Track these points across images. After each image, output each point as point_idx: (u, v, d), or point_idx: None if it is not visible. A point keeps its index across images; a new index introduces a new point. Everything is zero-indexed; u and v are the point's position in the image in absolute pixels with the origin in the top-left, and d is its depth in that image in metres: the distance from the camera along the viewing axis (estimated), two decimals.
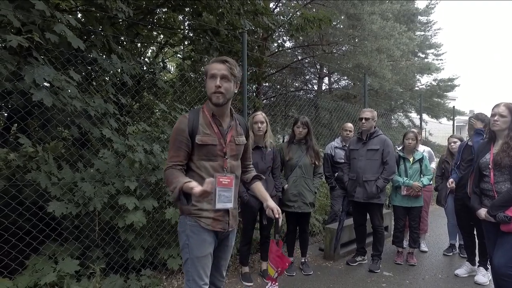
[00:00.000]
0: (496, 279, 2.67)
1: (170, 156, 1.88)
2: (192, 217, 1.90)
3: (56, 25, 2.78)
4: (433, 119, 13.87)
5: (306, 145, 3.88)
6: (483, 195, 2.87)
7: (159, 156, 3.46)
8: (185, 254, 1.91)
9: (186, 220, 1.91)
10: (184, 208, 1.90)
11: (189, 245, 1.89)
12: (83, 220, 3.05)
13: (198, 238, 1.89)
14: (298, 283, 3.68)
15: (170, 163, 1.86)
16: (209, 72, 1.87)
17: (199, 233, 1.89)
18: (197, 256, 1.88)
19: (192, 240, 1.88)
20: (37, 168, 2.85)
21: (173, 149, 1.88)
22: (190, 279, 1.89)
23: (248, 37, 5.95)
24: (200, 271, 1.89)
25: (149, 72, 4.53)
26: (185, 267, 1.92)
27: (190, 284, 1.89)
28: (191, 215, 1.90)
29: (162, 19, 6.11)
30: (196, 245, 1.88)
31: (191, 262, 1.89)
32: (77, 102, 3.00)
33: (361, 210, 4.17)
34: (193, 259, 1.88)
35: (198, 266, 1.88)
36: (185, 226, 1.91)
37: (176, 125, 1.90)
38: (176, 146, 1.87)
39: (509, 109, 2.74)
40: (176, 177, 1.77)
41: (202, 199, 1.81)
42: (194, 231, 1.89)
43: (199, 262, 1.89)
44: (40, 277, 2.71)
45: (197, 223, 1.89)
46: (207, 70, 1.89)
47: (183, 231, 1.93)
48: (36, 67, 2.72)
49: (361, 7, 9.30)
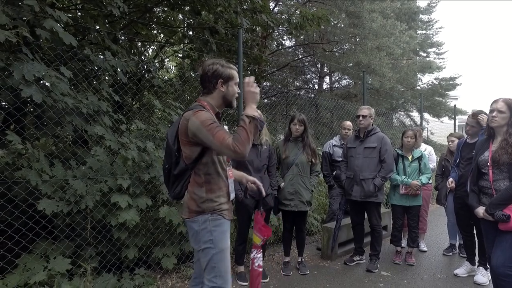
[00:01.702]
0: (495, 279, 2.61)
1: (221, 133, 1.82)
2: (214, 213, 1.98)
3: (46, 21, 2.74)
4: (434, 118, 13.79)
5: (302, 142, 3.83)
6: (481, 193, 2.81)
7: (153, 154, 3.42)
8: (210, 250, 1.95)
9: (207, 217, 1.96)
10: (206, 206, 1.95)
11: (214, 239, 1.95)
12: (75, 218, 3.02)
13: (221, 230, 1.99)
14: (294, 282, 3.62)
15: (228, 136, 1.82)
16: (235, 79, 2.06)
17: (221, 225, 1.99)
18: (222, 248, 1.97)
19: (216, 234, 1.96)
20: (27, 165, 2.82)
21: (218, 128, 1.85)
22: (217, 275, 1.94)
23: (247, 35, 5.93)
24: (226, 264, 1.99)
25: (148, 71, 4.51)
26: (210, 264, 1.95)
27: (217, 280, 1.94)
28: (214, 211, 1.97)
29: (161, 17, 6.08)
30: (220, 237, 1.98)
31: (217, 257, 1.95)
32: (68, 99, 2.96)
33: (358, 209, 4.11)
34: (219, 252, 1.96)
35: (224, 258, 1.98)
36: (206, 222, 1.96)
37: (204, 115, 1.88)
38: (218, 125, 1.87)
39: (508, 105, 2.67)
40: (240, 127, 1.83)
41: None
42: (216, 224, 1.97)
43: (224, 254, 1.98)
44: (31, 276, 2.67)
45: (220, 216, 1.99)
46: (233, 76, 2.04)
47: (203, 228, 1.96)
48: (25, 63, 2.68)
49: (361, 5, 9.25)
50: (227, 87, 2.03)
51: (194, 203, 1.97)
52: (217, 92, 2.03)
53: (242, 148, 1.78)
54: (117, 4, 3.63)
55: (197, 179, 1.98)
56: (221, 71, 2.00)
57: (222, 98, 2.05)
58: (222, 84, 2.02)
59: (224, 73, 2.01)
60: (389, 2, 10.63)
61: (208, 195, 1.97)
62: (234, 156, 1.81)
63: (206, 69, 2.01)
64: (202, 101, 2.04)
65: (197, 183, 1.98)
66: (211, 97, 2.04)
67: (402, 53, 10.40)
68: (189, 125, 1.89)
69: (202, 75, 2.03)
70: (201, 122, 1.86)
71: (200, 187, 1.97)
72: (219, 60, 2.05)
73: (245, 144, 1.79)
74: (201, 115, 1.88)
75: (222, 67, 2.01)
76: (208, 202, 1.96)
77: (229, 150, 1.79)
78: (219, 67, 2.00)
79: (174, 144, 1.98)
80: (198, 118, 1.87)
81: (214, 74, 2.00)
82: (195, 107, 1.98)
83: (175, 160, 1.98)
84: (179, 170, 1.97)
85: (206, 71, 2.01)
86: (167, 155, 2.04)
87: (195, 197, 1.97)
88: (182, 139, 1.95)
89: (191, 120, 1.89)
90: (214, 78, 2.00)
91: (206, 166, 1.98)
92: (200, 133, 1.86)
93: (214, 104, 2.04)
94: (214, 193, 1.99)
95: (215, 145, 1.83)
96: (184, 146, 1.96)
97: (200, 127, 1.85)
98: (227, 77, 2.02)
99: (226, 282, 1.97)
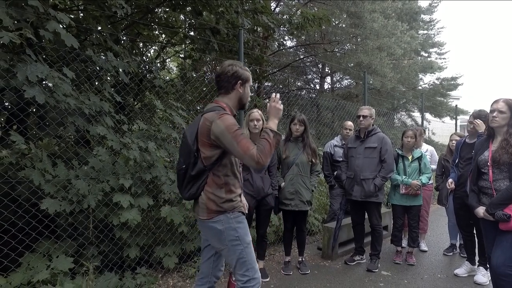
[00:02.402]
0: (495, 279, 2.61)
1: (246, 142, 1.86)
2: (235, 211, 2.02)
3: (49, 23, 2.77)
4: (436, 118, 13.78)
5: (303, 142, 3.85)
6: (481, 193, 2.81)
7: (154, 154, 3.44)
8: (238, 247, 2.00)
9: (229, 216, 2.00)
10: (227, 206, 1.99)
11: (239, 236, 2.00)
12: (77, 217, 3.04)
13: (244, 225, 2.05)
14: (295, 282, 3.64)
15: (252, 146, 1.86)
16: (251, 81, 2.12)
17: (242, 220, 2.05)
18: (247, 242, 2.03)
19: (241, 230, 2.01)
20: (31, 165, 2.85)
21: (242, 136, 1.89)
22: (248, 268, 2.01)
23: (248, 35, 5.95)
24: (253, 256, 2.05)
25: (150, 72, 4.54)
26: (241, 260, 2.00)
27: (249, 272, 2.01)
28: (234, 209, 2.02)
29: (163, 18, 6.11)
30: (245, 232, 2.03)
31: (245, 252, 2.01)
32: (71, 99, 2.99)
33: (359, 208, 4.12)
34: (245, 247, 2.01)
35: (251, 251, 2.04)
36: (229, 221, 1.99)
37: (230, 120, 1.91)
38: (242, 133, 1.91)
39: (508, 105, 2.67)
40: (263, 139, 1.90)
41: None
42: (239, 220, 2.03)
43: (250, 248, 2.04)
44: (34, 274, 2.70)
45: (240, 213, 2.06)
46: (250, 78, 2.10)
47: (227, 227, 1.99)
48: (29, 64, 2.71)
49: (362, 5, 9.26)
50: (244, 89, 2.07)
51: (214, 203, 1.98)
52: (235, 93, 2.06)
53: (265, 160, 1.84)
54: (120, 5, 3.66)
55: (217, 180, 1.98)
56: (241, 73, 2.04)
57: (238, 100, 2.09)
58: (241, 85, 2.05)
59: (243, 75, 2.05)
60: (390, 2, 10.64)
61: (228, 196, 2.00)
62: (255, 166, 1.85)
63: (226, 70, 2.03)
64: (221, 102, 2.05)
65: (216, 184, 1.98)
66: (228, 97, 2.06)
67: (403, 53, 10.40)
68: (213, 127, 1.89)
69: (221, 75, 2.04)
70: (226, 127, 1.87)
71: (220, 188, 1.99)
72: (236, 62, 2.09)
73: (268, 157, 1.86)
74: (226, 119, 1.89)
75: (241, 69, 2.05)
76: (228, 202, 2.00)
77: (252, 160, 1.83)
78: (239, 69, 2.04)
79: (194, 144, 1.97)
80: (223, 122, 1.88)
81: (234, 75, 2.02)
82: (216, 109, 1.98)
83: (193, 161, 1.97)
84: (197, 170, 1.97)
85: (225, 71, 2.03)
86: (184, 154, 2.02)
87: (214, 198, 1.98)
88: (203, 140, 1.95)
89: (215, 123, 1.89)
90: (233, 79, 2.03)
91: (226, 168, 2.00)
92: (223, 137, 1.88)
93: (231, 105, 2.07)
94: (233, 193, 2.03)
95: (238, 152, 1.86)
96: (204, 147, 1.96)
97: (224, 132, 1.87)
98: (245, 79, 2.07)
99: (257, 271, 2.04)
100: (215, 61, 7.92)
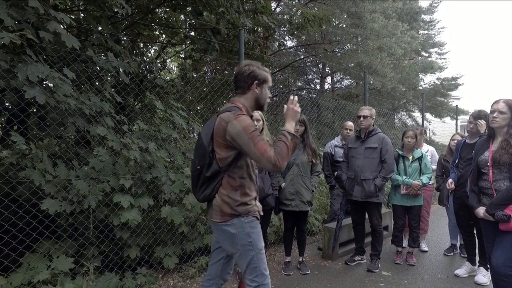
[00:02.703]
0: (495, 279, 2.61)
1: (263, 145, 1.81)
2: (249, 215, 1.99)
3: (49, 23, 2.77)
4: (436, 119, 13.77)
5: (303, 143, 3.85)
6: (481, 194, 2.81)
7: (154, 154, 3.45)
8: (250, 252, 1.96)
9: (243, 220, 1.96)
10: (242, 209, 1.95)
11: (252, 241, 1.96)
12: (78, 218, 3.05)
13: (257, 231, 2.01)
14: (295, 282, 3.64)
15: (269, 149, 1.82)
16: (269, 82, 2.08)
17: (256, 225, 2.02)
18: (259, 248, 1.99)
19: (254, 235, 1.98)
20: (31, 165, 2.85)
21: (259, 138, 1.85)
22: (258, 274, 1.98)
23: (248, 35, 5.95)
24: (264, 261, 2.02)
25: (150, 72, 4.54)
26: (251, 265, 1.97)
27: (258, 279, 1.98)
28: (249, 213, 1.98)
29: (163, 18, 6.12)
30: (258, 238, 2.00)
31: (256, 257, 1.97)
32: (71, 100, 2.99)
33: (359, 209, 4.12)
34: (257, 253, 1.98)
35: (263, 257, 2.01)
36: (243, 225, 1.95)
37: (247, 121, 1.87)
38: (259, 135, 1.87)
39: (509, 106, 2.67)
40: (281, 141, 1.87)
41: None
42: (253, 225, 1.99)
43: (262, 254, 2.00)
44: (34, 275, 2.70)
45: (254, 218, 2.02)
46: (268, 79, 2.06)
47: (241, 231, 1.95)
48: (29, 65, 2.71)
49: (362, 5, 9.26)
50: (261, 90, 2.04)
51: (228, 206, 1.94)
52: (251, 94, 2.03)
53: (282, 163, 1.80)
54: (121, 5, 3.66)
55: (232, 182, 1.95)
56: (258, 73, 2.01)
57: (255, 100, 2.05)
58: (257, 85, 2.02)
59: (260, 75, 2.02)
60: (390, 2, 10.64)
61: (243, 199, 1.96)
62: (271, 169, 1.82)
63: (242, 70, 2.01)
64: (237, 102, 2.02)
65: (231, 186, 1.95)
66: (245, 98, 2.03)
67: (403, 53, 10.40)
68: (229, 128, 1.86)
69: (237, 75, 2.03)
70: (243, 128, 1.83)
71: (235, 191, 1.95)
72: (254, 62, 2.06)
73: (285, 159, 1.82)
74: (243, 120, 1.86)
75: (259, 69, 2.02)
76: (243, 205, 1.96)
77: (269, 162, 1.79)
78: (256, 69, 2.01)
79: (209, 145, 1.94)
80: (240, 123, 1.84)
81: (250, 75, 2.00)
82: (233, 109, 1.94)
83: (208, 162, 1.94)
84: (212, 172, 1.93)
85: (242, 71, 2.01)
86: (199, 156, 1.98)
87: (229, 201, 1.94)
88: (218, 141, 1.92)
89: (231, 123, 1.85)
90: (250, 79, 2.00)
91: (241, 170, 1.97)
92: (240, 139, 1.84)
93: (248, 106, 2.04)
94: (248, 196, 1.99)
95: (255, 154, 1.82)
96: (219, 148, 1.92)
97: (241, 133, 1.83)
98: (262, 80, 2.03)
99: (266, 277, 2.01)
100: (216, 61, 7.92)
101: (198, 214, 3.84)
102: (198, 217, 3.91)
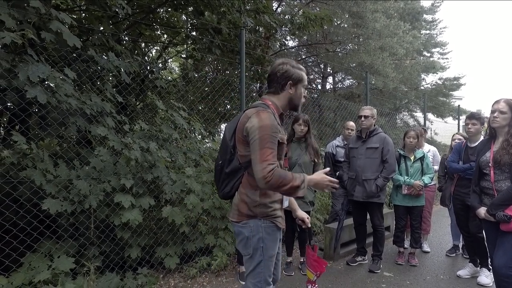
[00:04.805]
0: (497, 280, 2.60)
1: (270, 154, 1.70)
2: (267, 219, 1.89)
3: (52, 23, 2.77)
4: (438, 119, 13.74)
5: (305, 143, 3.84)
6: (483, 194, 2.80)
7: (156, 154, 3.44)
8: (258, 257, 1.89)
9: (259, 223, 1.87)
10: (259, 211, 1.86)
11: (264, 247, 1.88)
12: (78, 217, 3.05)
13: (273, 238, 1.91)
14: (297, 282, 3.63)
15: (273, 162, 1.70)
16: (304, 81, 1.97)
17: (273, 233, 1.91)
18: (270, 255, 1.91)
19: (267, 242, 1.89)
20: (32, 165, 2.85)
21: (271, 146, 1.72)
22: (261, 280, 1.91)
23: (249, 35, 5.94)
24: (271, 270, 1.95)
25: (151, 72, 4.54)
26: (256, 270, 1.90)
27: (261, 285, 1.91)
28: (267, 217, 1.88)
29: (165, 18, 6.12)
30: (271, 245, 1.91)
31: (264, 264, 1.90)
32: (72, 100, 2.99)
33: (360, 209, 4.11)
34: (266, 260, 1.90)
35: (270, 265, 1.93)
36: (258, 229, 1.87)
37: (267, 121, 1.74)
38: (273, 143, 1.74)
39: (509, 106, 2.66)
40: (290, 174, 1.73)
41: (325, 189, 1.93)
42: (269, 232, 1.89)
43: (270, 261, 1.93)
44: (35, 274, 2.71)
45: (273, 224, 1.91)
46: (303, 78, 1.95)
47: (254, 235, 1.87)
48: (30, 65, 2.71)
49: (364, 5, 9.25)
50: (295, 90, 1.93)
51: (246, 206, 1.86)
52: (284, 94, 1.92)
53: (272, 184, 1.67)
54: (121, 6, 3.66)
55: (251, 180, 1.83)
56: (292, 73, 1.90)
57: (288, 100, 1.95)
58: (291, 86, 1.91)
59: (295, 75, 1.91)
60: (392, 2, 10.62)
61: (262, 199, 1.86)
62: (259, 180, 1.69)
63: (276, 69, 1.91)
64: (267, 99, 1.93)
65: (250, 185, 1.85)
66: (277, 97, 1.94)
67: (405, 53, 10.38)
68: (247, 123, 1.77)
69: (271, 74, 1.93)
70: (261, 127, 1.72)
71: (254, 190, 1.84)
72: (289, 60, 1.95)
73: (275, 186, 1.69)
74: (265, 118, 1.74)
75: (293, 68, 1.91)
76: (261, 207, 1.86)
77: (261, 172, 1.67)
78: (290, 68, 1.90)
79: (231, 140, 1.87)
80: (260, 121, 1.73)
81: (284, 75, 1.89)
82: (260, 105, 1.86)
83: (229, 157, 1.88)
84: (232, 168, 1.87)
85: (275, 71, 1.91)
86: (222, 151, 1.93)
87: (247, 200, 1.86)
88: (239, 137, 1.83)
89: (251, 118, 1.77)
90: (283, 80, 1.90)
91: None
92: (252, 134, 1.73)
93: (279, 105, 1.93)
94: (268, 197, 1.88)
95: (255, 156, 1.71)
96: (240, 144, 1.84)
97: (256, 130, 1.72)
98: (297, 79, 1.92)
99: (269, 285, 1.95)
100: (217, 61, 7.92)
101: (199, 214, 3.84)
102: (199, 217, 3.91)
